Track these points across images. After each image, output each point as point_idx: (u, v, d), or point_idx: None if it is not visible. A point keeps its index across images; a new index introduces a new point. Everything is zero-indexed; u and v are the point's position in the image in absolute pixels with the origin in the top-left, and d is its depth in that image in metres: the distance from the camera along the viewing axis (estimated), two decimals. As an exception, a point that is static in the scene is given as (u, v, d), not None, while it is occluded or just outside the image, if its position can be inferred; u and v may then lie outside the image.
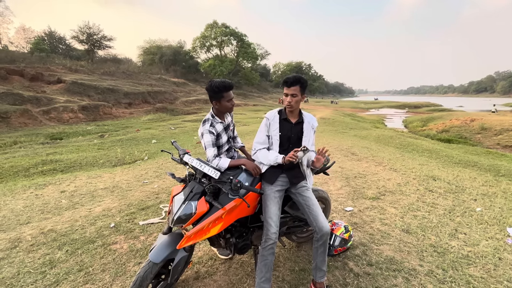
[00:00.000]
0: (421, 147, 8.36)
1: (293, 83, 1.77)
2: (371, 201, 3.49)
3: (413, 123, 20.92)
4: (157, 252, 1.50)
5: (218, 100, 1.88)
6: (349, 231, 2.37)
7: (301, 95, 1.81)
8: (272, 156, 1.82)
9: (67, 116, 14.87)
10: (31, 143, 8.74)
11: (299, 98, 1.81)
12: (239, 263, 2.20)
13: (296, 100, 1.80)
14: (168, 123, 14.66)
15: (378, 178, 4.47)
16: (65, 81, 18.81)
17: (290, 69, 70.15)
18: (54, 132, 11.41)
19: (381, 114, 33.90)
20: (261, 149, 1.91)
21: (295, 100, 1.80)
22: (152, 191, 3.86)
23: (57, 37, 32.28)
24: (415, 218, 3.00)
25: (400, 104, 49.52)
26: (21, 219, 3.01)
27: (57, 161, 6.05)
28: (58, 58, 26.38)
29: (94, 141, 9.02)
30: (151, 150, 7.33)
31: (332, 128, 12.83)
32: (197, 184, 1.60)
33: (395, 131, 14.56)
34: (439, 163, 6.11)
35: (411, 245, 2.47)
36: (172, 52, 40.31)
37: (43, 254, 2.32)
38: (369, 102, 60.51)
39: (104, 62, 30.80)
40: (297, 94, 1.79)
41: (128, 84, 23.15)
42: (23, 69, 18.47)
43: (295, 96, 1.79)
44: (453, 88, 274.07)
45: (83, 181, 4.47)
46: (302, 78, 1.79)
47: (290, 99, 1.79)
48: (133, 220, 2.96)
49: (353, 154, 6.40)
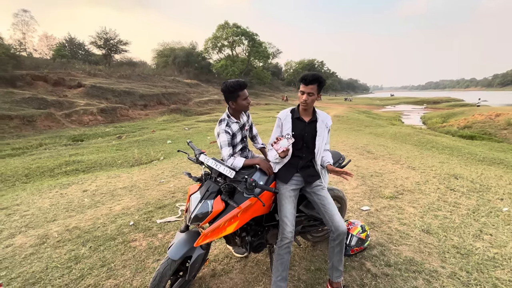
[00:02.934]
0: (441, 144, 8.02)
1: (311, 81, 1.72)
2: (388, 200, 3.39)
3: (432, 119, 20.09)
4: (176, 249, 1.54)
5: (234, 100, 1.91)
6: (366, 231, 2.33)
7: (317, 94, 1.78)
8: (273, 152, 1.84)
9: (87, 119, 15.52)
10: (55, 145, 9.20)
11: (315, 97, 1.78)
12: (255, 262, 2.21)
13: (312, 99, 1.77)
14: (182, 123, 14.95)
15: (395, 177, 4.34)
16: (85, 85, 19.64)
17: (302, 67, 69.35)
18: (75, 134, 11.96)
19: (397, 110, 32.80)
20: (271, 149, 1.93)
21: (311, 98, 1.76)
22: (169, 190, 3.96)
23: (77, 43, 33.72)
24: (436, 218, 2.89)
25: (417, 100, 47.67)
26: (48, 217, 3.18)
27: (79, 161, 6.34)
28: (78, 63, 27.56)
29: (113, 142, 9.37)
30: (167, 150, 7.51)
31: (347, 126, 12.57)
32: (213, 183, 1.63)
33: (413, 128, 14.05)
34: (461, 160, 5.84)
35: (432, 246, 2.38)
36: (185, 54, 41.02)
37: (68, 250, 2.44)
38: (385, 99, 58.73)
39: (120, 66, 31.84)
40: (314, 93, 1.75)
41: (144, 87, 23.82)
42: (47, 75, 19.48)
43: (312, 95, 1.75)
44: (475, 81, 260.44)
45: (103, 180, 4.65)
46: (321, 77, 1.75)
47: (306, 97, 1.76)
48: (150, 218, 3.05)
49: (369, 152, 6.24)
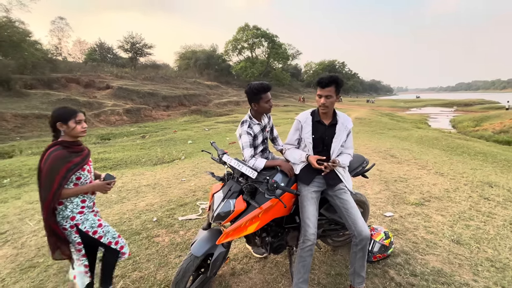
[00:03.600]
0: (474, 149, 7.50)
1: (328, 84, 1.68)
2: (413, 207, 3.24)
3: (463, 122, 18.86)
4: (199, 246, 1.59)
5: (256, 102, 1.94)
6: (389, 238, 2.24)
7: (336, 95, 1.72)
8: (297, 154, 1.84)
9: (113, 119, 16.40)
10: (85, 143, 9.81)
11: (334, 99, 1.72)
12: (274, 263, 2.21)
13: (331, 101, 1.72)
14: (202, 124, 15.31)
15: (421, 183, 4.13)
16: (112, 87, 20.79)
17: (323, 68, 68.19)
18: (103, 133, 12.68)
19: (423, 113, 31.16)
20: (289, 148, 1.95)
21: (330, 101, 1.71)
22: (190, 188, 4.08)
23: (106, 47, 35.84)
24: (467, 228, 2.71)
25: (446, 102, 44.97)
26: (80, 210, 3.40)
27: (107, 159, 6.71)
28: (107, 66, 29.28)
29: (137, 142, 9.81)
30: (188, 150, 7.73)
31: (368, 128, 12.16)
32: (235, 183, 1.66)
33: (441, 131, 13.28)
34: (496, 167, 5.43)
35: (462, 257, 2.24)
36: (205, 56, 42.03)
37: (98, 241, 2.60)
38: (410, 101, 56.03)
39: (145, 68, 33.32)
40: (332, 95, 1.70)
41: (166, 88, 24.72)
42: (79, 77, 20.89)
43: (330, 98, 1.70)
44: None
45: (129, 178, 4.89)
46: (337, 78, 1.69)
47: (324, 101, 1.70)
48: (172, 215, 3.16)
49: (393, 156, 5.99)
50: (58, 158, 1.50)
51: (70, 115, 1.57)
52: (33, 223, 3.05)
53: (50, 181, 1.47)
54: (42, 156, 1.54)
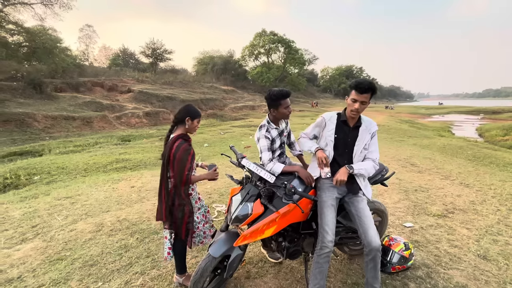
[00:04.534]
0: (503, 160, 7.06)
1: (367, 90, 1.66)
2: (435, 219, 3.11)
3: (491, 131, 17.79)
4: (217, 247, 1.63)
5: (275, 108, 1.99)
6: (409, 249, 2.17)
7: (369, 102, 1.74)
8: (310, 143, 1.89)
9: (134, 121, 17.08)
10: (107, 144, 10.30)
11: (366, 106, 1.73)
12: (289, 268, 2.21)
13: (364, 107, 1.73)
14: (218, 128, 15.55)
15: (444, 193, 3.95)
16: (133, 91, 21.71)
17: (340, 73, 67.27)
18: (124, 135, 13.23)
19: (447, 120, 29.75)
20: (304, 137, 2.00)
21: (364, 107, 1.72)
22: (206, 191, 4.16)
23: (129, 53, 37.59)
24: (495, 243, 2.56)
25: (472, 109, 42.70)
26: (103, 208, 3.58)
27: (127, 160, 6.99)
28: (129, 71, 30.67)
29: (156, 144, 10.14)
30: (204, 153, 7.88)
31: (387, 135, 11.80)
32: (253, 187, 1.69)
33: (466, 140, 12.60)
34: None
35: (489, 274, 2.12)
36: (223, 62, 42.88)
37: (119, 239, 2.72)
38: (432, 107, 53.76)
39: (164, 73, 34.52)
40: (367, 101, 1.71)
41: (184, 92, 25.44)
42: (103, 81, 22.02)
43: (364, 104, 1.70)
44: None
45: (148, 178, 5.06)
46: (375, 86, 1.70)
47: (359, 106, 1.69)
48: (189, 216, 3.24)
49: (413, 165, 5.78)
50: (185, 149, 1.76)
51: (198, 115, 1.95)
52: (60, 218, 3.24)
53: (181, 169, 1.74)
54: (170, 146, 1.79)
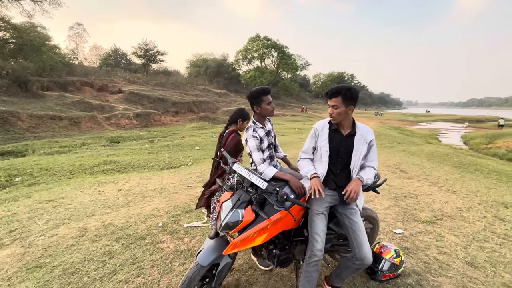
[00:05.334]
0: (487, 167, 7.29)
1: (333, 94, 1.70)
2: (425, 225, 3.14)
3: (475, 139, 18.42)
4: (205, 255, 1.56)
5: (258, 105, 2.03)
6: (400, 256, 2.16)
7: (345, 106, 1.69)
8: (306, 169, 1.83)
9: (123, 122, 16.74)
10: (95, 145, 10.02)
11: (341, 110, 1.69)
12: (279, 276, 2.16)
13: (337, 112, 1.70)
14: (210, 131, 15.43)
15: (432, 200, 4.01)
16: (124, 91, 21.34)
17: (331, 80, 68.40)
18: (113, 136, 12.92)
19: (434, 128, 30.65)
20: (304, 159, 1.91)
21: (336, 112, 1.70)
22: (196, 195, 4.07)
23: (121, 53, 37.04)
24: (482, 250, 2.60)
25: (458, 118, 44.21)
26: (87, 212, 3.44)
27: (115, 162, 6.80)
28: (120, 71, 30.17)
29: (145, 146, 9.94)
30: (195, 156, 7.78)
31: (378, 141, 11.97)
32: (244, 193, 1.64)
33: (452, 147, 12.97)
34: (511, 187, 5.23)
35: (478, 281, 2.14)
36: (216, 65, 42.85)
37: (103, 244, 2.60)
38: (420, 115, 55.32)
39: (156, 74, 34.15)
40: (338, 105, 1.68)
41: (176, 94, 25.19)
42: (93, 81, 21.55)
43: (336, 108, 1.70)
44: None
45: (136, 181, 4.93)
46: (344, 89, 1.67)
47: (331, 111, 1.73)
48: (178, 221, 3.15)
49: (402, 171, 5.87)
50: (238, 141, 2.28)
51: (247, 117, 2.37)
52: (41, 223, 3.09)
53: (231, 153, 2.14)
54: (226, 137, 2.32)
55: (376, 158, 1.85)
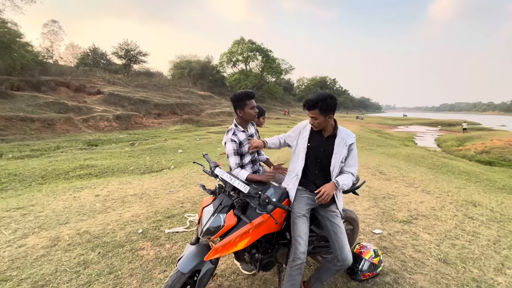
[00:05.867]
0: (458, 168, 7.76)
1: (310, 107, 1.71)
2: (402, 225, 3.27)
3: (447, 142, 19.57)
4: (186, 262, 1.53)
5: (241, 108, 2.02)
6: (378, 256, 2.24)
7: (324, 116, 1.71)
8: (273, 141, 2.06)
9: (103, 125, 16.06)
10: (71, 148, 9.52)
11: (320, 120, 1.72)
12: (262, 280, 2.15)
13: (318, 122, 1.74)
14: (194, 134, 15.19)
15: (409, 200, 4.20)
16: (104, 92, 20.50)
17: (314, 84, 70.03)
18: (91, 139, 12.35)
19: (410, 131, 32.20)
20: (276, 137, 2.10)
21: (317, 122, 1.74)
22: (178, 200, 3.98)
23: (100, 52, 35.60)
24: (453, 247, 2.75)
25: (432, 121, 46.77)
26: (61, 219, 3.24)
27: (93, 166, 6.50)
28: (99, 71, 28.96)
29: (126, 149, 9.59)
30: (177, 160, 7.61)
31: (358, 144, 12.33)
32: (226, 197, 1.63)
33: (427, 150, 13.70)
34: (479, 187, 5.61)
35: (449, 277, 2.26)
36: (200, 67, 42.37)
37: (78, 254, 2.47)
38: (398, 119, 57.94)
39: (138, 75, 33.15)
40: (317, 116, 1.71)
41: (159, 96, 24.59)
42: (69, 81, 20.52)
43: (316, 119, 1.73)
44: (493, 105, 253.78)
45: (115, 186, 4.73)
46: (319, 101, 1.66)
47: (312, 122, 1.77)
48: (159, 227, 3.06)
49: (381, 173, 6.10)
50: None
51: (263, 113, 2.61)
52: (8, 233, 2.87)
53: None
54: None
55: (356, 164, 1.84)
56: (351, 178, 1.79)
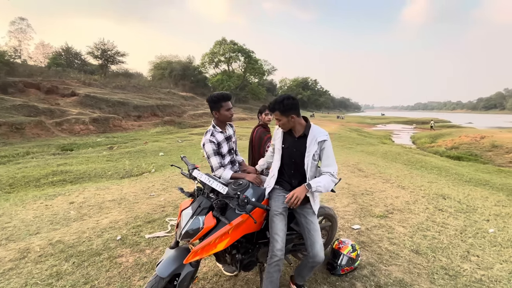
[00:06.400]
0: (430, 164, 8.23)
1: (271, 110, 1.78)
2: (378, 219, 3.42)
3: (421, 139, 20.66)
4: (164, 266, 1.50)
5: (217, 110, 2.04)
6: (356, 250, 2.33)
7: (286, 117, 1.73)
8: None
9: (78, 128, 15.30)
10: (43, 153, 8.98)
11: (284, 121, 1.76)
12: (244, 281, 2.17)
13: (282, 123, 1.78)
14: (176, 136, 14.89)
15: (385, 196, 4.40)
16: (79, 94, 19.53)
17: (297, 85, 71.21)
18: (65, 143, 11.72)
19: (388, 129, 33.64)
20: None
21: (281, 123, 1.79)
22: (159, 204, 3.89)
23: (73, 52, 33.86)
24: (424, 238, 2.92)
25: (407, 120, 49.18)
26: (31, 230, 3.06)
27: (67, 172, 6.18)
28: (73, 72, 27.55)
29: (103, 153, 9.21)
30: (158, 163, 7.42)
31: (338, 143, 12.78)
32: (205, 199, 1.63)
33: (403, 147, 14.39)
34: (449, 181, 5.99)
35: (421, 266, 2.40)
36: (181, 67, 41.61)
37: (50, 265, 2.34)
38: (376, 118, 60.35)
39: (116, 76, 31.94)
40: (279, 118, 1.76)
41: (138, 98, 23.84)
42: (40, 83, 19.33)
43: (279, 120, 1.78)
44: (461, 104, 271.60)
45: (92, 192, 4.54)
46: (277, 104, 1.72)
47: (277, 123, 1.82)
48: (139, 233, 2.98)
49: (360, 170, 6.34)
50: (262, 132, 2.71)
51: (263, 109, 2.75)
52: (-30, 246, 2.66)
53: (259, 145, 2.65)
54: (253, 131, 2.75)
55: (332, 163, 1.77)
56: (329, 179, 1.73)
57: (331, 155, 1.78)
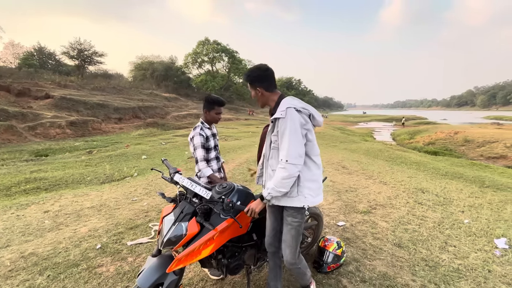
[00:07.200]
0: (409, 159, 8.57)
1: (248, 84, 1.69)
2: (362, 215, 3.51)
3: (400, 136, 21.54)
4: (146, 276, 1.44)
5: (209, 110, 2.28)
6: (341, 247, 2.36)
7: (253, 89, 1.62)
8: None
9: (54, 132, 14.51)
10: (14, 160, 8.43)
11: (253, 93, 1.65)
12: (231, 284, 2.13)
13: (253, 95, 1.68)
14: (159, 138, 14.52)
15: (368, 192, 4.52)
16: (53, 97, 18.53)
17: (281, 84, 71.72)
18: (39, 148, 11.07)
19: (369, 127, 34.76)
20: None
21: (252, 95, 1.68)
22: (142, 209, 3.76)
23: (47, 52, 32.06)
24: (406, 232, 3.03)
25: (387, 118, 51.07)
26: (0, 242, 2.84)
27: (41, 179, 5.83)
28: (47, 73, 26.09)
29: (82, 158, 8.79)
30: (141, 166, 7.19)
31: (323, 141, 13.02)
32: (188, 204, 1.57)
33: (384, 144, 14.91)
34: (427, 175, 6.26)
35: (403, 259, 2.48)
36: (164, 68, 40.66)
37: (22, 280, 2.18)
38: (358, 116, 62.19)
39: (94, 78, 30.66)
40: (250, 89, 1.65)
41: (119, 99, 23.01)
42: (10, 85, 18.14)
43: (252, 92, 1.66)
44: (436, 102, 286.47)
45: (69, 199, 4.30)
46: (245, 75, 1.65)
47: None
48: (121, 240, 2.85)
49: (344, 167, 6.48)
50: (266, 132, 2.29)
51: None
52: None
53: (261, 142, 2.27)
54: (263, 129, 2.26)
55: (285, 147, 1.39)
56: (279, 176, 1.42)
57: (286, 136, 1.39)
